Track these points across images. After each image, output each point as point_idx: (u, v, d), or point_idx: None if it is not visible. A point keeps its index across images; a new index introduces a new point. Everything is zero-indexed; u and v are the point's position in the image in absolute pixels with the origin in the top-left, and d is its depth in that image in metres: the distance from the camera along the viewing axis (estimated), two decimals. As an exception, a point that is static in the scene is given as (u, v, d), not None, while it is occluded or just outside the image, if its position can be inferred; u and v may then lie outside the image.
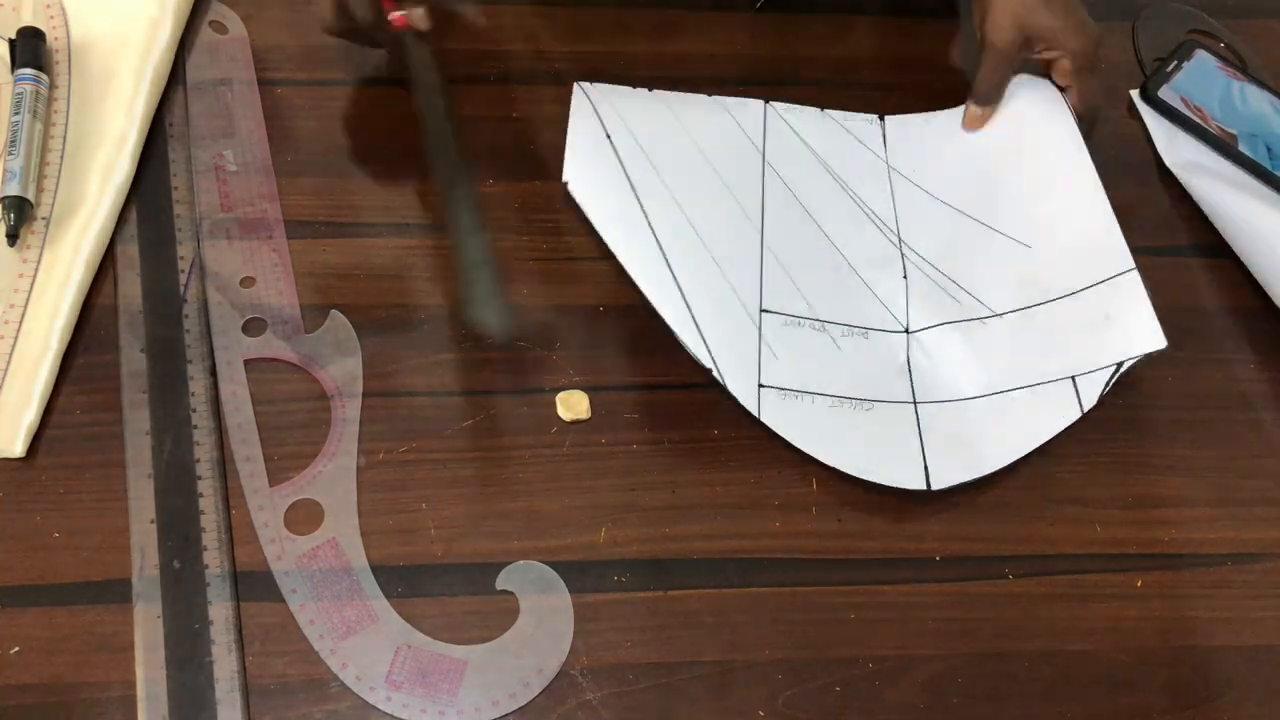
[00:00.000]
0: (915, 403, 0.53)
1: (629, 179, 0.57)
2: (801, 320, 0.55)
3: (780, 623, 0.48)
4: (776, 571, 0.49)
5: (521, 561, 0.48)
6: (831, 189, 0.60)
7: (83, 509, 0.47)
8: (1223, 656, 0.49)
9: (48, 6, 0.60)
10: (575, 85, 0.60)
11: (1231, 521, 0.53)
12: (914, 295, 0.57)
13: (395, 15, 0.54)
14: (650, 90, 0.61)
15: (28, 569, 0.46)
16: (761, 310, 0.55)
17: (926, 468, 0.51)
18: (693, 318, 0.53)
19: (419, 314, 0.54)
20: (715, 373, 0.51)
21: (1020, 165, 0.61)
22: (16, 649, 0.44)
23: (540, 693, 0.45)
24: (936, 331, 0.56)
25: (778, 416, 0.51)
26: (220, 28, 0.62)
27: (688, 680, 0.46)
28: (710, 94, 0.62)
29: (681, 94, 0.62)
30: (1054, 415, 0.52)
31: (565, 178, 0.57)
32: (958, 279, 0.58)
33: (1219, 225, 0.61)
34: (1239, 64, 0.68)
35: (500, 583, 0.47)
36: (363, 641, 0.46)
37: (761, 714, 0.46)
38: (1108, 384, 0.52)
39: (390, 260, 0.56)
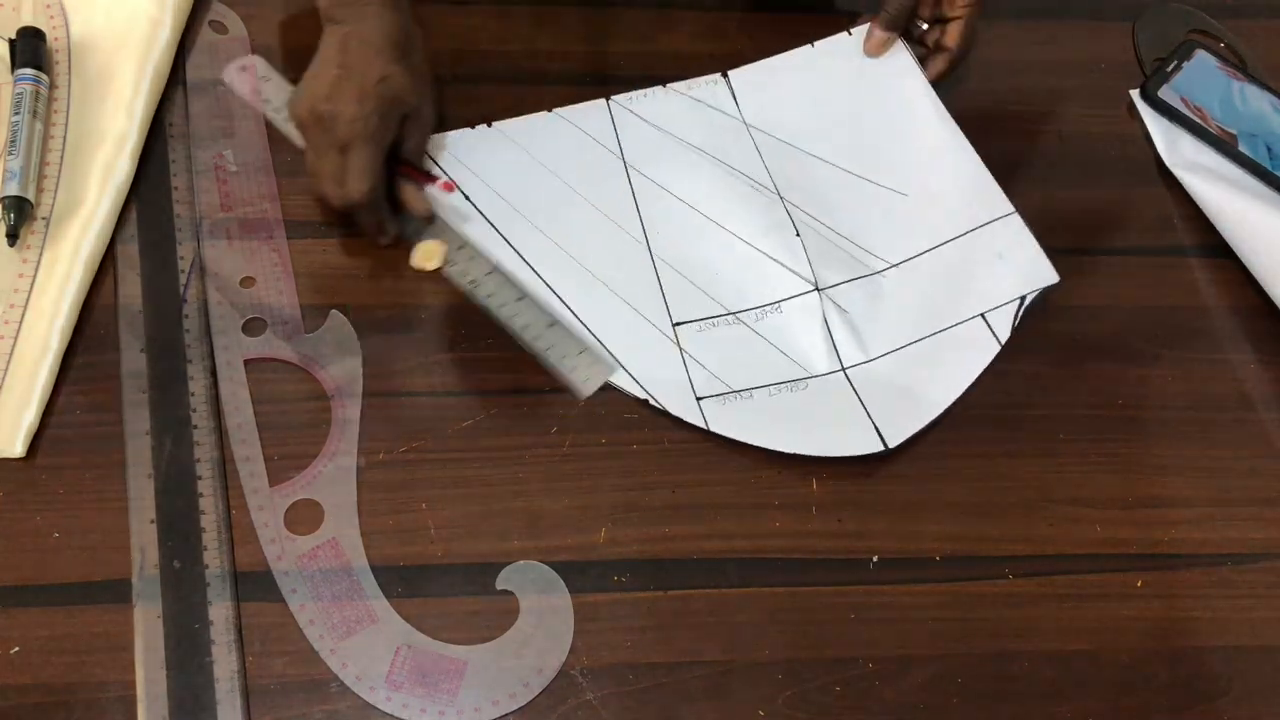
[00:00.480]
0: (844, 369, 0.54)
1: (498, 231, 0.56)
2: (715, 320, 0.55)
3: (780, 623, 0.48)
4: (776, 571, 0.49)
5: (521, 561, 0.48)
6: (700, 168, 0.59)
7: (83, 509, 0.47)
8: (1223, 656, 0.49)
9: (48, 6, 0.60)
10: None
11: (1231, 521, 0.53)
12: (812, 253, 0.56)
13: (442, 183, 0.55)
14: (489, 125, 0.59)
15: (28, 569, 0.46)
16: (674, 325, 0.54)
17: (877, 428, 0.52)
18: (612, 355, 0.53)
19: (419, 314, 0.54)
20: (652, 401, 0.52)
21: (873, 114, 0.61)
22: (16, 649, 0.44)
23: (540, 693, 0.45)
24: (844, 289, 0.56)
25: (725, 422, 0.51)
26: (220, 28, 0.62)
27: (688, 680, 0.46)
28: (550, 108, 0.60)
29: (521, 120, 0.59)
30: (977, 352, 0.54)
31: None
32: (845, 233, 0.58)
33: (1219, 225, 0.61)
34: (1239, 64, 0.68)
35: (500, 583, 0.47)
36: (363, 641, 0.46)
37: (761, 714, 0.46)
38: (1016, 316, 0.55)
39: (390, 260, 0.56)
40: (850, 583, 0.49)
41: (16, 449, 0.48)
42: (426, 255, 0.53)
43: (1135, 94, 0.66)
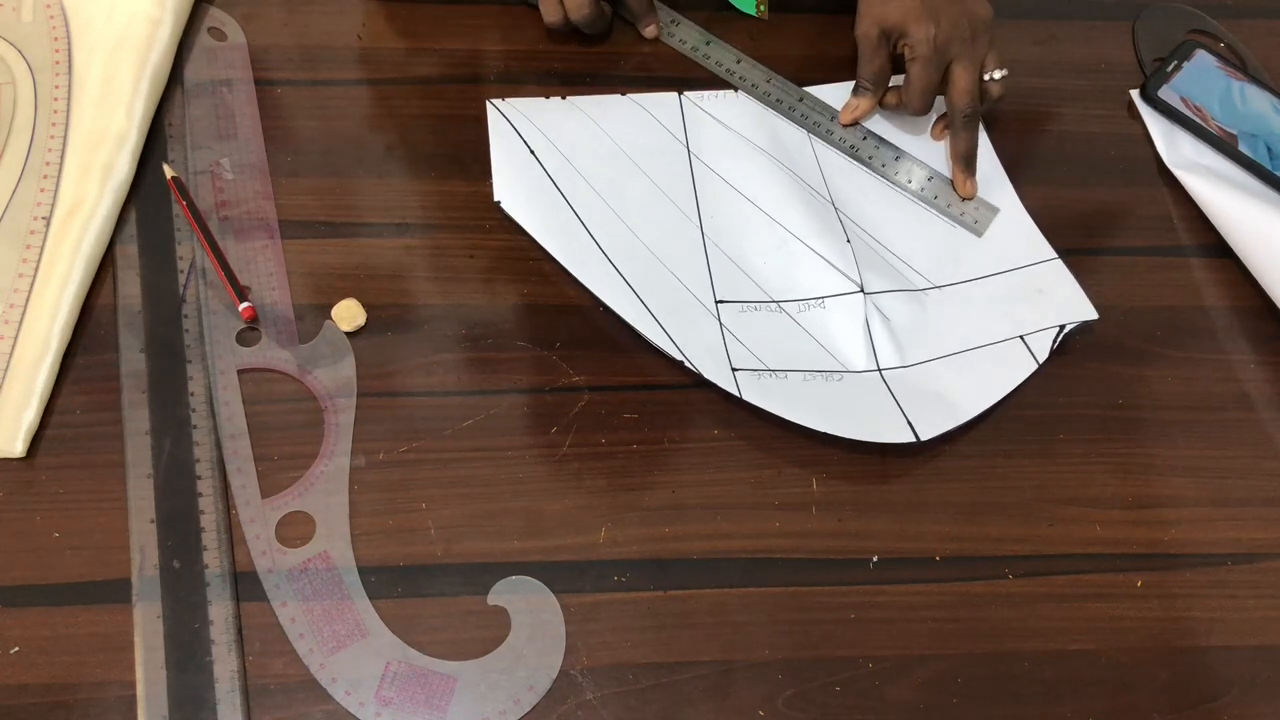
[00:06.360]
0: (880, 370, 0.54)
1: (560, 192, 0.57)
2: (758, 305, 0.56)
3: (780, 623, 0.48)
4: (776, 571, 0.49)
5: (513, 577, 0.48)
6: (760, 166, 0.60)
7: (83, 509, 0.47)
8: (1223, 656, 0.49)
9: (47, 6, 0.60)
10: (488, 102, 0.60)
11: (1231, 521, 0.53)
12: (861, 259, 0.57)
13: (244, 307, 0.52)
14: (564, 98, 0.61)
15: (28, 569, 0.46)
16: (717, 302, 0.55)
17: (910, 422, 0.52)
18: (653, 316, 0.53)
19: (419, 314, 0.54)
20: (688, 364, 0.52)
21: (933, 152, 0.62)
22: (16, 649, 0.44)
23: (531, 710, 0.45)
24: (888, 297, 0.56)
25: (759, 394, 0.52)
26: (219, 34, 0.61)
27: (688, 680, 0.46)
28: (624, 92, 0.62)
29: (596, 97, 0.62)
30: (1013, 368, 0.55)
31: (497, 197, 0.57)
32: (893, 249, 0.59)
33: (1219, 225, 0.61)
34: (1239, 64, 0.68)
35: (492, 599, 0.47)
36: (352, 656, 0.45)
37: (761, 714, 0.46)
38: (1055, 342, 0.55)
39: (390, 260, 0.56)
40: (850, 583, 0.49)
41: (16, 449, 0.48)
42: (344, 318, 0.53)
43: (1135, 94, 0.66)
